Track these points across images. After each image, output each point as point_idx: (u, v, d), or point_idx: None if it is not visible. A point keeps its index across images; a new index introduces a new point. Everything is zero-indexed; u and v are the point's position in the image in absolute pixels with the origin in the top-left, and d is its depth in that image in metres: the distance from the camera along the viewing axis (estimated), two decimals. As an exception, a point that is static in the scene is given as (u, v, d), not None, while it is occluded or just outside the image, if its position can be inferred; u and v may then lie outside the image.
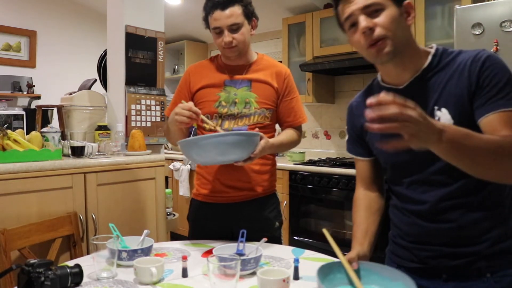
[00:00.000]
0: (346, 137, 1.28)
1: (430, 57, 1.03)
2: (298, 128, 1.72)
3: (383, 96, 0.74)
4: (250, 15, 1.57)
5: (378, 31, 0.96)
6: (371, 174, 1.23)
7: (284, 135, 1.66)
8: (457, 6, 2.33)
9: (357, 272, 1.04)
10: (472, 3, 2.50)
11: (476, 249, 0.99)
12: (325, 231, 1.18)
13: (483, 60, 0.95)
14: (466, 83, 0.95)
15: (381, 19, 0.96)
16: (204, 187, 1.65)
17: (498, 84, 0.92)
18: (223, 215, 1.61)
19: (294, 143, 1.69)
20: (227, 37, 1.52)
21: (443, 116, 0.97)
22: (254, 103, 1.60)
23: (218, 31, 1.54)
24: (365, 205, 1.21)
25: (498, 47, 2.12)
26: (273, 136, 1.64)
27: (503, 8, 2.13)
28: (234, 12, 1.51)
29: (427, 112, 0.97)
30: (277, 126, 1.73)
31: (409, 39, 1.02)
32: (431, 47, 1.06)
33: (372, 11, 0.97)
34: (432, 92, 1.00)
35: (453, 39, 2.31)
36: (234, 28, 1.52)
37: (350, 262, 1.04)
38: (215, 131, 1.50)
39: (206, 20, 1.58)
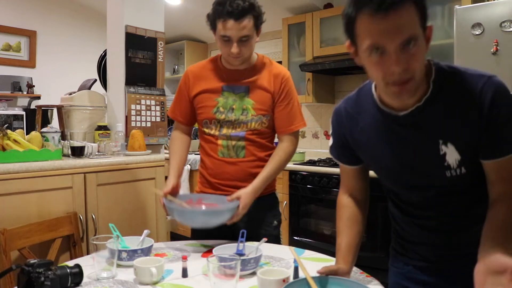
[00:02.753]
0: (330, 142, 1.19)
1: (431, 84, 0.94)
2: (294, 134, 1.65)
3: None
4: (259, 25, 1.56)
5: (409, 74, 0.85)
6: (356, 181, 1.17)
7: (270, 163, 1.58)
8: (457, 6, 2.33)
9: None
10: (472, 3, 2.50)
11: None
12: (291, 248, 1.20)
13: (492, 95, 0.88)
14: (475, 118, 0.89)
15: (415, 58, 0.84)
16: (205, 186, 1.68)
17: (505, 126, 0.89)
18: None
19: (286, 160, 1.62)
20: (235, 48, 1.50)
21: (451, 154, 0.93)
22: (251, 109, 1.59)
23: (227, 40, 1.50)
24: (349, 214, 1.15)
25: (498, 47, 2.12)
26: (272, 142, 1.68)
27: (503, 8, 2.13)
28: (247, 25, 1.49)
29: (432, 145, 0.94)
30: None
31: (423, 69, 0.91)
32: (430, 63, 0.96)
33: (406, 42, 0.82)
34: (435, 124, 0.94)
35: (453, 39, 2.31)
36: (244, 40, 1.50)
37: (322, 273, 1.00)
38: (214, 136, 1.60)
39: (213, 23, 1.54)
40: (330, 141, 1.20)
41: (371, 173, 1.16)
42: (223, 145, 1.61)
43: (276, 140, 1.69)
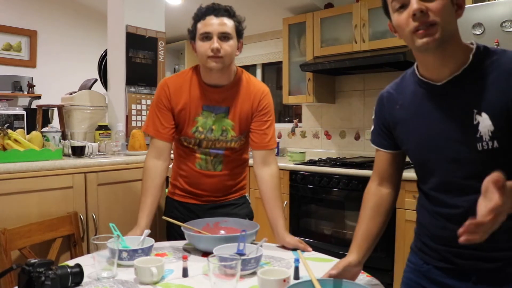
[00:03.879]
0: (372, 128, 1.22)
1: (471, 56, 0.98)
2: (272, 151, 1.63)
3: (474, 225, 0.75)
4: (240, 33, 1.54)
5: (431, 17, 0.92)
6: (389, 169, 1.18)
7: (277, 201, 1.56)
8: (457, 6, 2.33)
9: None
10: (472, 3, 2.50)
11: (508, 254, 0.98)
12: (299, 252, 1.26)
13: None
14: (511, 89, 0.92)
15: (435, 4, 0.92)
16: (182, 191, 1.71)
17: None
18: (195, 213, 1.67)
19: (278, 182, 1.60)
20: (215, 43, 1.45)
21: (484, 122, 0.94)
22: (231, 131, 1.59)
23: (206, 37, 1.47)
24: (374, 203, 1.17)
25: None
26: (247, 152, 1.71)
27: (504, 8, 2.12)
28: (228, 23, 1.48)
29: (466, 114, 0.96)
30: None
31: (455, 32, 0.97)
32: (472, 44, 1.01)
33: None
34: (472, 94, 0.96)
35: (454, 39, 2.31)
36: (224, 36, 1.47)
37: (330, 276, 1.01)
38: (193, 149, 1.61)
39: (193, 29, 1.52)
40: (372, 127, 1.22)
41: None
42: (202, 158, 1.62)
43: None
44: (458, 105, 0.98)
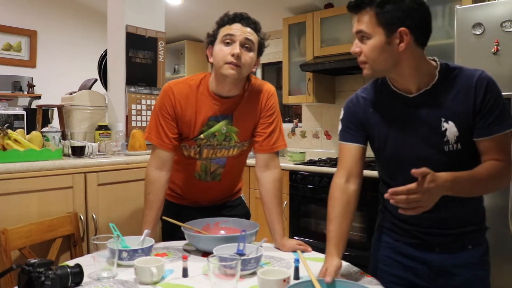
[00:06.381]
0: (340, 128, 1.30)
1: (437, 73, 1.15)
2: (276, 154, 1.58)
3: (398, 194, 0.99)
4: (260, 51, 1.48)
5: (360, 58, 1.13)
6: (358, 164, 1.25)
7: (278, 208, 1.52)
8: (457, 6, 2.33)
9: None
10: (472, 3, 2.50)
11: (463, 230, 1.22)
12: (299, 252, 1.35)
13: (486, 85, 1.11)
14: (471, 102, 1.11)
15: (364, 47, 1.11)
16: (175, 195, 1.70)
17: (495, 110, 1.11)
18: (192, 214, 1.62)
19: (279, 187, 1.56)
20: (238, 48, 1.37)
21: (450, 129, 1.13)
22: (235, 137, 1.53)
23: (228, 41, 1.39)
24: (344, 201, 1.22)
25: (498, 47, 2.12)
26: (245, 160, 1.68)
27: (504, 8, 2.12)
28: (252, 33, 1.43)
29: (435, 122, 1.14)
30: None
31: (398, 63, 1.12)
32: (434, 60, 1.17)
33: (361, 36, 1.11)
34: (440, 105, 1.14)
35: (454, 39, 2.31)
36: (247, 46, 1.40)
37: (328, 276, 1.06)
38: (193, 158, 1.56)
39: (215, 33, 1.44)
40: (339, 127, 1.31)
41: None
42: (202, 169, 1.58)
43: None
44: (428, 114, 1.15)
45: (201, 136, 1.51)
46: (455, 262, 1.20)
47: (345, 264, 1.27)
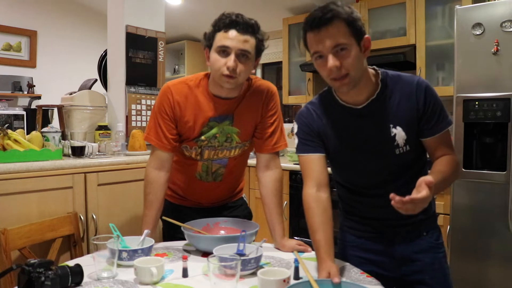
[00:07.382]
0: (296, 141, 1.32)
1: (380, 82, 1.22)
2: (277, 154, 1.58)
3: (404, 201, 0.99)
4: (259, 52, 1.42)
5: (343, 71, 1.12)
6: (323, 172, 1.29)
7: (278, 208, 1.53)
8: (457, 6, 2.33)
9: None
10: (472, 3, 2.50)
11: (418, 219, 1.28)
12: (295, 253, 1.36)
13: (424, 90, 1.19)
14: (414, 107, 1.20)
15: (346, 60, 1.11)
16: (176, 195, 1.69)
17: (437, 111, 1.20)
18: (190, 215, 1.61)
19: (280, 187, 1.55)
20: (232, 61, 1.32)
21: (399, 133, 1.21)
22: (236, 137, 1.52)
23: (224, 51, 1.34)
24: (320, 210, 1.24)
25: (498, 47, 2.12)
26: (246, 161, 1.67)
27: (504, 8, 2.12)
28: (250, 40, 1.35)
29: (385, 129, 1.21)
30: None
31: (364, 71, 1.18)
32: (374, 68, 1.24)
33: (338, 49, 1.11)
34: (386, 112, 1.21)
35: (454, 39, 2.31)
36: (244, 55, 1.35)
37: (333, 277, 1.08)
38: (195, 159, 1.55)
39: (210, 37, 1.39)
40: (296, 141, 1.33)
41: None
42: (203, 169, 1.57)
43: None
44: (377, 122, 1.22)
45: (202, 137, 1.50)
46: (415, 249, 1.30)
47: (345, 264, 1.28)
